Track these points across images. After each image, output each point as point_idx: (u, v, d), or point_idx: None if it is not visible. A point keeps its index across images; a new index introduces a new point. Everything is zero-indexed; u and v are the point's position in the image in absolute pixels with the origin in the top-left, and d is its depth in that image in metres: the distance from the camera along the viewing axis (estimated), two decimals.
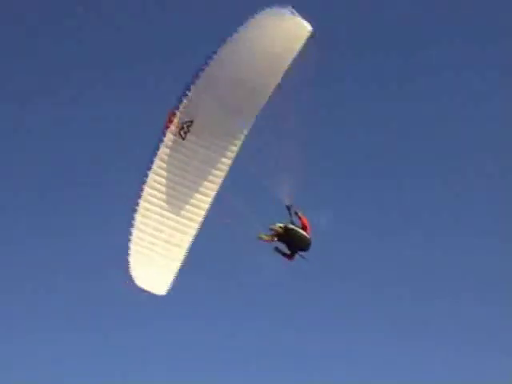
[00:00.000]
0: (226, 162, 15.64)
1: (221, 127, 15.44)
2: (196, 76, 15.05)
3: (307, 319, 30.58)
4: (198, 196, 15.65)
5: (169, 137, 15.31)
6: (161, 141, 15.29)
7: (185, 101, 15.15)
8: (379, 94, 35.22)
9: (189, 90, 15.10)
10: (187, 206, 15.68)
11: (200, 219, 15.67)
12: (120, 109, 33.58)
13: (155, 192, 15.56)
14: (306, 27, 14.91)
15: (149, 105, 29.33)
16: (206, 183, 15.63)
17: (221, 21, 31.59)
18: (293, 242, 15.69)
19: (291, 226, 15.64)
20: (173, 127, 15.29)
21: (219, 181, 15.58)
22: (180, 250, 15.73)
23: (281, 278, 23.64)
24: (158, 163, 15.39)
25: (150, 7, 35.08)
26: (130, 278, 15.39)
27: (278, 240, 15.78)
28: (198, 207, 15.68)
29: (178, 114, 15.20)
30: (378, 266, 32.24)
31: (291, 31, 14.83)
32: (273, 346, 30.27)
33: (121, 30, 35.05)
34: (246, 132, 15.57)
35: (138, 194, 15.37)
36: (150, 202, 15.57)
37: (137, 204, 15.38)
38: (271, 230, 15.70)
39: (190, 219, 15.68)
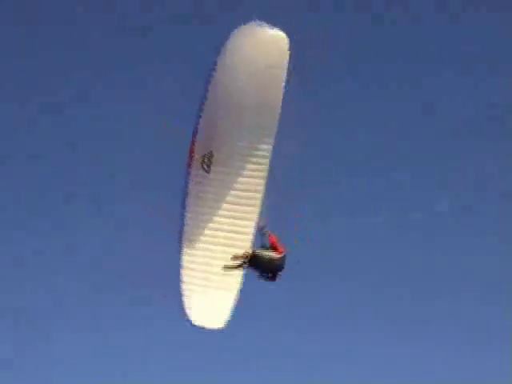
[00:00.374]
0: (259, 183, 15.65)
1: (242, 149, 15.52)
2: (200, 109, 15.18)
3: (307, 319, 30.60)
4: (241, 222, 15.71)
5: (194, 173, 15.41)
6: (187, 180, 15.40)
7: (199, 135, 15.23)
8: (379, 93, 35.23)
9: (198, 124, 15.17)
10: (233, 235, 15.75)
11: (249, 244, 15.71)
12: (120, 109, 33.59)
13: (196, 230, 15.69)
14: (283, 37, 14.88)
15: (149, 105, 29.36)
16: (245, 208, 15.69)
17: (219, 20, 31.71)
18: (261, 267, 15.44)
19: (257, 251, 15.44)
20: (195, 163, 15.35)
21: (258, 202, 15.62)
22: (235, 279, 15.78)
23: (280, 277, 23.57)
24: (191, 201, 15.52)
25: (149, 7, 35.08)
26: (186, 319, 15.65)
27: (250, 266, 15.60)
28: (244, 233, 15.76)
29: (196, 149, 15.28)
30: (378, 265, 32.28)
31: (271, 44, 14.79)
32: (273, 346, 30.29)
33: (121, 30, 35.06)
34: (269, 147, 15.54)
35: (179, 237, 15.58)
36: (193, 241, 15.75)
37: (180, 245, 15.58)
38: (235, 258, 15.57)
39: (239, 247, 15.69)
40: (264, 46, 14.72)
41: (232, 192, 15.58)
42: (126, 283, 30.58)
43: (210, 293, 15.68)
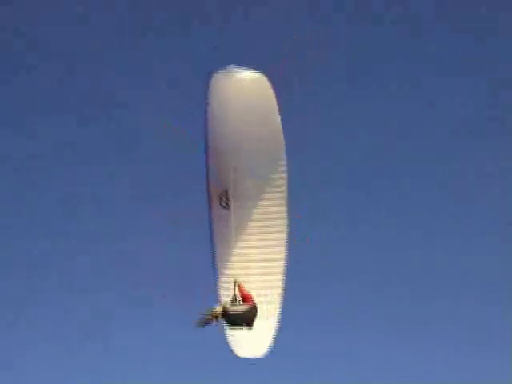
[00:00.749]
0: (280, 210, 16.13)
1: (256, 182, 16.01)
2: (206, 154, 15.72)
3: (307, 319, 30.61)
4: (272, 250, 16.20)
5: (215, 212, 15.97)
6: (211, 218, 15.99)
7: (210, 177, 15.85)
8: (379, 94, 35.24)
9: (208, 170, 15.79)
10: (265, 263, 16.25)
11: (282, 269, 16.24)
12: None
13: (229, 264, 16.20)
14: (258, 77, 15.42)
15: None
16: (272, 235, 16.18)
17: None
18: (232, 322, 15.69)
19: (227, 307, 15.66)
20: (214, 202, 15.96)
21: (284, 228, 16.13)
22: (274, 305, 16.34)
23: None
24: (218, 239, 16.05)
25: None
26: (231, 350, 16.31)
27: (222, 320, 15.92)
28: (276, 259, 16.24)
29: (212, 189, 15.93)
30: (377, 266, 32.33)
31: (254, 85, 15.40)
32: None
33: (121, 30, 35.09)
34: (283, 175, 16.03)
35: (213, 273, 16.16)
36: (228, 275, 16.18)
37: (216, 282, 16.17)
38: (204, 315, 15.84)
39: (274, 273, 16.26)
40: (248, 90, 15.29)
41: (256, 223, 16.11)
42: (126, 284, 30.67)
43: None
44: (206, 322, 15.40)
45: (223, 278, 16.15)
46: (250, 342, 16.20)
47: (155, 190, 31.53)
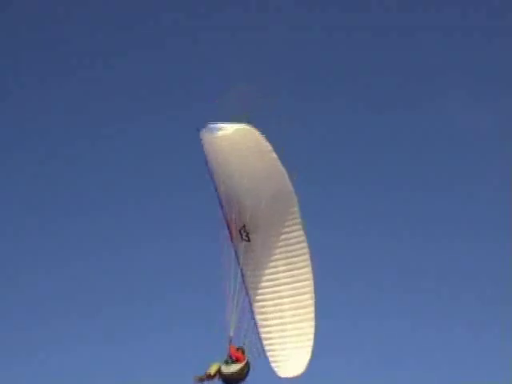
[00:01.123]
0: (299, 234, 16.90)
1: (271, 215, 16.82)
2: (220, 202, 16.76)
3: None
4: (298, 271, 17.05)
5: (238, 245, 16.93)
6: (235, 251, 16.94)
7: (228, 216, 16.83)
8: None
9: (225, 214, 16.78)
10: (294, 284, 17.09)
11: (311, 288, 17.13)
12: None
13: (261, 290, 17.17)
14: (246, 128, 16.39)
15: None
16: (296, 259, 17.01)
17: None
18: (228, 382, 16.95)
19: (222, 368, 16.85)
20: (235, 237, 16.90)
21: (306, 250, 16.93)
22: (309, 323, 17.21)
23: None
24: (246, 268, 16.97)
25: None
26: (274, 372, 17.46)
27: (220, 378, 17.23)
28: (304, 280, 17.09)
29: (231, 225, 16.85)
30: (378, 266, 32.59)
31: (243, 135, 16.30)
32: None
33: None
34: (295, 201, 16.85)
35: (249, 303, 17.17)
36: (261, 301, 17.21)
37: (251, 308, 17.16)
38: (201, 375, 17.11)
39: (304, 293, 17.14)
40: (235, 141, 16.21)
41: (279, 250, 17.03)
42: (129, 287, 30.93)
43: (289, 343, 17.23)
44: (202, 380, 16.77)
45: (256, 304, 17.11)
46: (291, 362, 17.18)
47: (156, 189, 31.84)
